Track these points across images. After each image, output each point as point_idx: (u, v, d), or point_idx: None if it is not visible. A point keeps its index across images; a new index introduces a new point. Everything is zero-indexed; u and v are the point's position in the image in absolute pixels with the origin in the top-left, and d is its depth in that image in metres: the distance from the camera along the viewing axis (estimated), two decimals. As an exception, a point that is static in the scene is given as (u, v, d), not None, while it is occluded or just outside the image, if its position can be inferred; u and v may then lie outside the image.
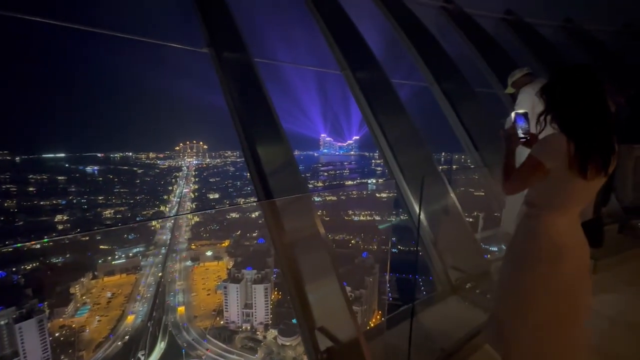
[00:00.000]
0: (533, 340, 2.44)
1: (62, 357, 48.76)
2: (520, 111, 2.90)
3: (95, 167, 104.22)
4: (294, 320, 57.24)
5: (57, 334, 51.20)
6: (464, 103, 9.11)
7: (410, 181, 6.47)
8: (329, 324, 3.71)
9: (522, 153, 2.68)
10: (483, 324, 2.93)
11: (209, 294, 67.86)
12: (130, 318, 59.72)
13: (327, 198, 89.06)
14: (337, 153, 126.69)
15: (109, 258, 75.12)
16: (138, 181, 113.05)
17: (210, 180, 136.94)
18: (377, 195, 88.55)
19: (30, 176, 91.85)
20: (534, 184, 2.52)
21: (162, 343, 56.01)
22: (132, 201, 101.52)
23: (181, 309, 64.23)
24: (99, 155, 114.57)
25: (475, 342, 4.23)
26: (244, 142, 4.21)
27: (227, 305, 60.75)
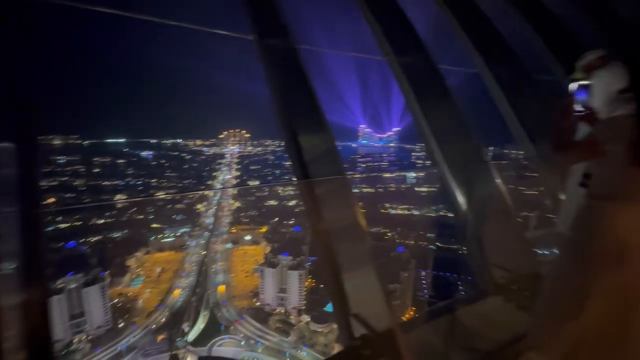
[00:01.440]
0: (582, 350, 2.20)
1: (119, 321, 54.75)
2: (584, 82, 2.60)
3: (150, 152, 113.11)
4: (327, 308, 58.24)
5: (115, 300, 57.46)
6: (519, 91, 8.33)
7: (456, 174, 6.13)
8: (365, 312, 3.70)
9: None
10: (527, 328, 2.73)
11: (246, 276, 71.49)
12: (177, 292, 65.10)
13: (364, 190, 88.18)
14: (376, 145, 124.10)
15: (159, 236, 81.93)
16: (186, 166, 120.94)
17: (251, 168, 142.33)
18: (416, 189, 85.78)
19: (96, 159, 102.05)
20: (592, 165, 2.35)
21: (204, 317, 60.29)
22: (180, 185, 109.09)
23: (221, 287, 68.47)
24: (152, 141, 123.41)
25: (518, 347, 3.97)
26: (287, 130, 4.24)
27: (263, 288, 63.60)
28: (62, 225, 66.80)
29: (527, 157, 8.06)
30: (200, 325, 58.62)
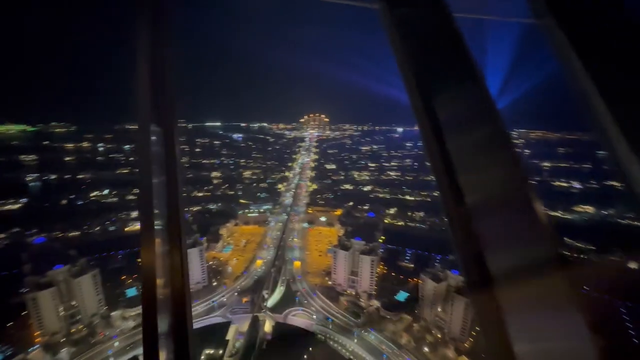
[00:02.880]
0: None
1: (213, 280, 63.66)
2: None
3: (240, 135, 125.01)
4: (399, 297, 57.09)
5: (210, 263, 66.61)
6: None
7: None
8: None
9: None
10: None
11: (320, 255, 74.80)
12: (259, 262, 72.15)
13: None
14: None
15: (246, 211, 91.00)
16: (270, 148, 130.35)
17: (329, 151, 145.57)
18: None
19: (197, 140, 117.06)
20: None
21: (281, 288, 65.61)
22: (264, 165, 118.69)
23: (297, 263, 73.24)
24: (242, 125, 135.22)
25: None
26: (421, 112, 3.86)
27: (335, 269, 65.80)
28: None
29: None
30: (277, 294, 64.07)
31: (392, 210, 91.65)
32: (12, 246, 60.83)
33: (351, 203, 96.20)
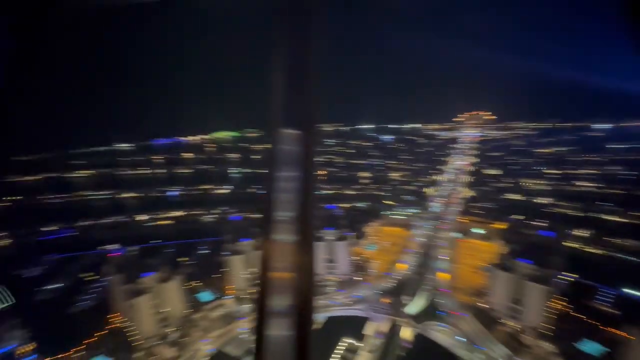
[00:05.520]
0: None
1: (357, 273, 67.65)
2: None
3: (391, 137, 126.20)
4: (585, 347, 43.67)
5: (355, 257, 70.67)
6: None
7: None
8: None
9: None
10: None
11: (472, 272, 65.80)
12: (401, 266, 70.76)
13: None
14: None
15: (391, 212, 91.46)
16: (420, 150, 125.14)
17: (490, 154, 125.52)
18: None
19: (351, 141, 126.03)
20: None
21: (422, 297, 62.03)
22: (413, 167, 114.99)
23: (443, 274, 67.31)
24: (393, 126, 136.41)
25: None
26: None
27: (491, 291, 56.37)
28: (327, 192, 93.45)
29: None
30: (418, 303, 60.92)
31: (582, 232, 70.00)
32: (219, 221, 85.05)
33: (520, 217, 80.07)
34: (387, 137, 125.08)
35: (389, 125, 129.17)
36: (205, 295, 60.77)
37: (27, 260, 60.09)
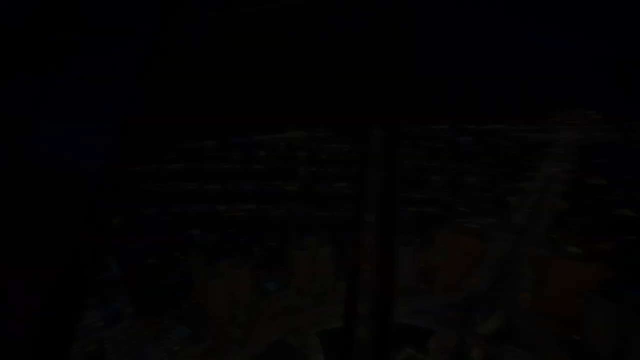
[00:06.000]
0: None
1: (422, 281, 64.35)
2: None
3: (468, 138, 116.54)
4: None
5: (419, 265, 67.30)
6: None
7: None
8: None
9: None
10: None
11: (562, 295, 56.76)
12: (475, 279, 64.78)
13: None
14: None
15: (464, 220, 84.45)
16: (504, 153, 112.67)
17: (595, 160, 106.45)
18: None
19: (421, 142, 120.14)
20: None
21: (498, 317, 55.83)
22: (493, 172, 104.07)
23: (525, 295, 59.59)
24: (471, 127, 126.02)
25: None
26: None
27: (588, 322, 47.70)
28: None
29: None
30: (493, 323, 54.96)
31: None
32: (288, 216, 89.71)
33: (631, 237, 66.64)
34: (463, 139, 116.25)
35: (466, 126, 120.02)
36: (271, 285, 64.78)
37: (131, 238, 72.64)
